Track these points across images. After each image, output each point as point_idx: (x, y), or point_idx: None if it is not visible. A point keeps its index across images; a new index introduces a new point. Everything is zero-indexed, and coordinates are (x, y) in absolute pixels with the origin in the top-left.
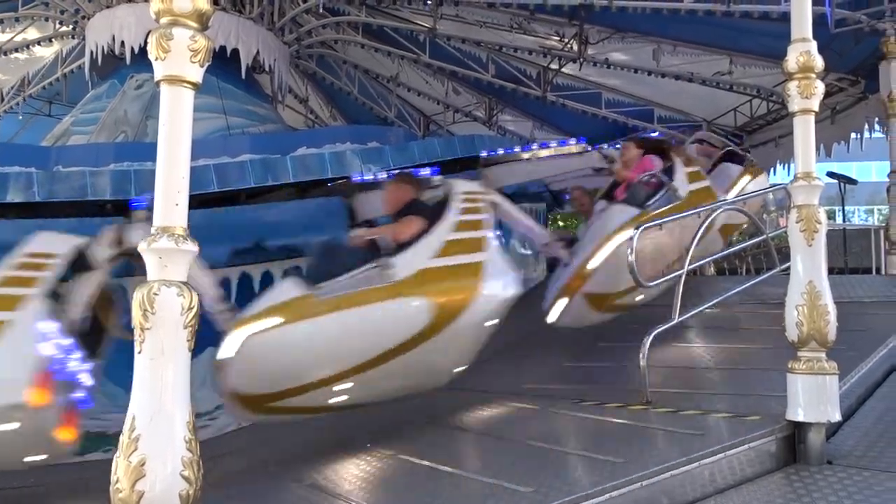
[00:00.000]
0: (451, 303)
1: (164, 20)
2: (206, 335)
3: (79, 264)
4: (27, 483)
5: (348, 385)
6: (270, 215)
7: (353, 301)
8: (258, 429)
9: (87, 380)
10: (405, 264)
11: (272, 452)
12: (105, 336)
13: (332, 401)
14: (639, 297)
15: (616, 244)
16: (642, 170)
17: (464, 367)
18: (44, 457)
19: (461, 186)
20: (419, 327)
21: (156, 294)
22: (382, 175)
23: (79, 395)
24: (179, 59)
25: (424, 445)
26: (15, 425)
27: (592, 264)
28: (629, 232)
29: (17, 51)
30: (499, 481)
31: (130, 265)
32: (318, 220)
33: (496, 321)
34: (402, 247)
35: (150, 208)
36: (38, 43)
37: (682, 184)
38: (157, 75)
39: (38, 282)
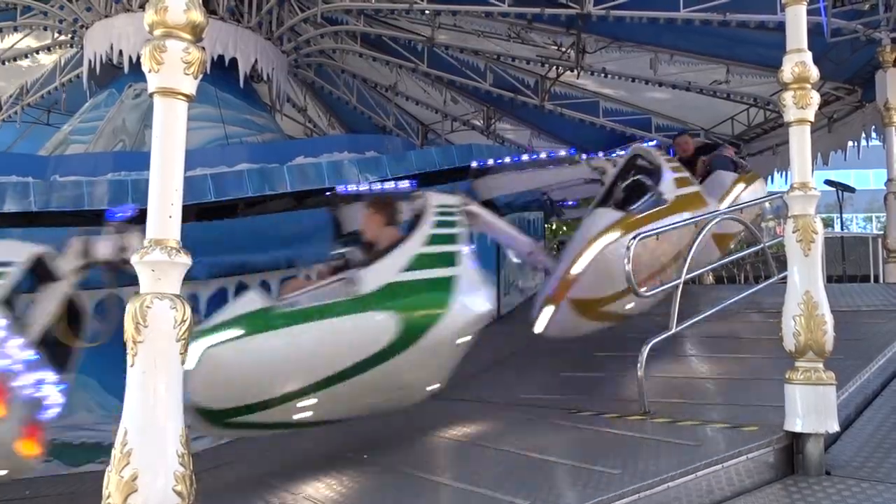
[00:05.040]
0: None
1: (157, 32)
2: None
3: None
4: (23, 495)
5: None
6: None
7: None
8: (253, 441)
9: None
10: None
11: (267, 464)
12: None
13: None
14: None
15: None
16: None
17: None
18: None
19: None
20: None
21: (148, 307)
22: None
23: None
24: (173, 71)
25: (420, 457)
26: None
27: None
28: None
29: (15, 59)
30: (495, 493)
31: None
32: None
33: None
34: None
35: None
36: (37, 52)
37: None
38: (151, 87)
39: None
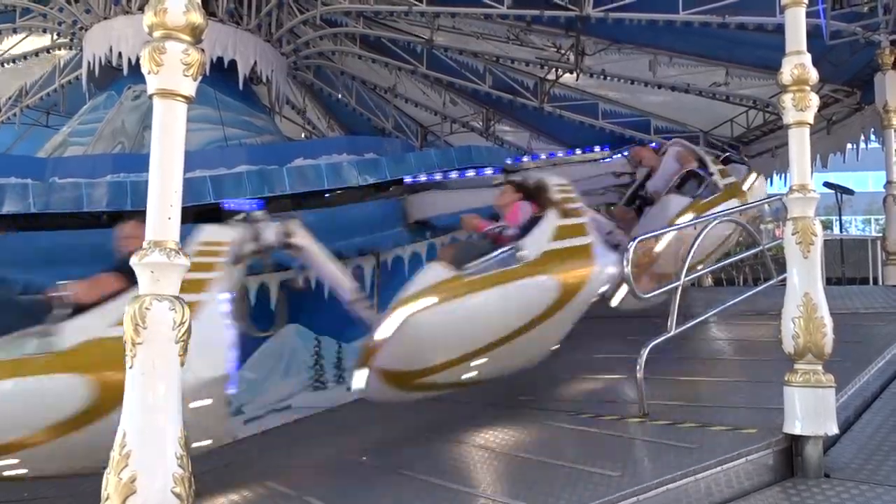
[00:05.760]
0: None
1: (157, 34)
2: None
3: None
4: (21, 496)
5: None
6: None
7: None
8: (249, 441)
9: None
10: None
11: (266, 466)
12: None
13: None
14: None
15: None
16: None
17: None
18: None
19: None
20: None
21: (147, 308)
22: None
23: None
24: (172, 73)
25: (419, 458)
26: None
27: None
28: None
29: (14, 61)
30: (493, 495)
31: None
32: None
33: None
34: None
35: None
36: (36, 54)
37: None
38: (150, 89)
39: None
